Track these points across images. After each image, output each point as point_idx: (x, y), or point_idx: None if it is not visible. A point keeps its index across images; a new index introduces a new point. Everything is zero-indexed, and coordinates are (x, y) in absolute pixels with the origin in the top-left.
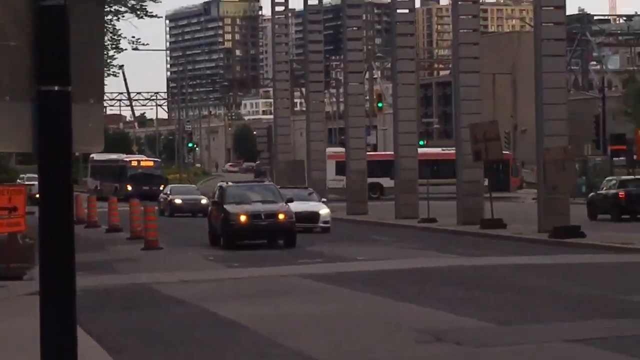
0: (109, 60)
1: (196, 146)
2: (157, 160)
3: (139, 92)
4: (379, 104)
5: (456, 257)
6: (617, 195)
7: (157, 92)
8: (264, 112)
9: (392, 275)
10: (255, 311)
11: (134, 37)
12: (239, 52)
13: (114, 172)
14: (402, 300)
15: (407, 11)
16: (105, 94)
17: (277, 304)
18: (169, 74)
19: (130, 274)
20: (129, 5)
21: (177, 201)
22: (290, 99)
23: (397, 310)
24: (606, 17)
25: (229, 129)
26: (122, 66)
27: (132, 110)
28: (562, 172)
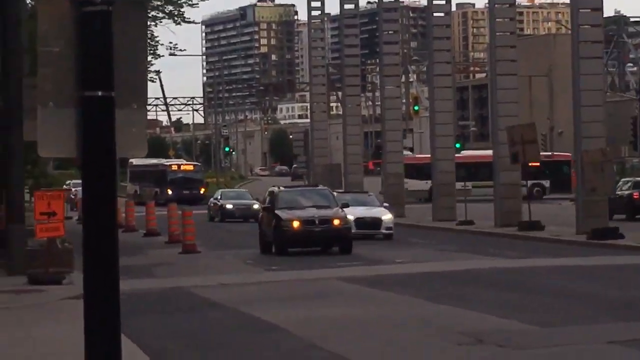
0: (147, 66)
1: (233, 151)
2: (197, 164)
3: (175, 97)
4: (415, 108)
5: (494, 259)
6: (631, 196)
7: (194, 97)
8: (300, 117)
9: (431, 277)
10: (294, 314)
11: (171, 42)
12: (274, 57)
13: (154, 177)
14: (442, 302)
15: (443, 14)
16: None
17: (316, 307)
18: (205, 79)
19: (168, 278)
20: (167, 11)
21: (228, 206)
22: (326, 103)
23: (437, 312)
24: None
25: (265, 133)
26: (159, 72)
27: (169, 115)
28: (600, 174)
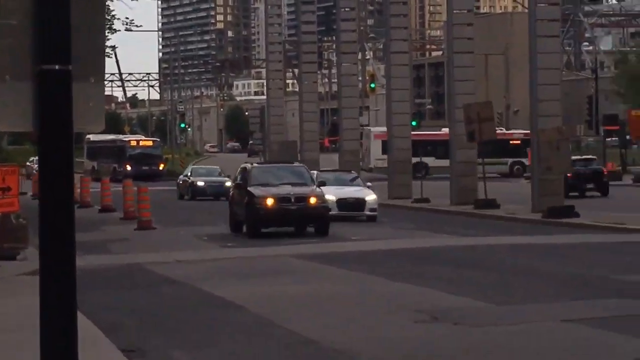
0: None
1: (188, 127)
2: (157, 140)
3: (131, 73)
4: (372, 85)
5: (452, 237)
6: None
7: (149, 73)
8: (256, 93)
9: (388, 255)
10: (250, 291)
11: (127, 18)
12: (231, 33)
13: (112, 153)
14: (399, 280)
15: None
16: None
17: (272, 284)
18: (161, 55)
19: (124, 254)
20: None
21: (200, 184)
22: (283, 80)
23: (395, 290)
24: None
25: (221, 109)
26: (115, 47)
27: (124, 91)
28: (556, 153)
